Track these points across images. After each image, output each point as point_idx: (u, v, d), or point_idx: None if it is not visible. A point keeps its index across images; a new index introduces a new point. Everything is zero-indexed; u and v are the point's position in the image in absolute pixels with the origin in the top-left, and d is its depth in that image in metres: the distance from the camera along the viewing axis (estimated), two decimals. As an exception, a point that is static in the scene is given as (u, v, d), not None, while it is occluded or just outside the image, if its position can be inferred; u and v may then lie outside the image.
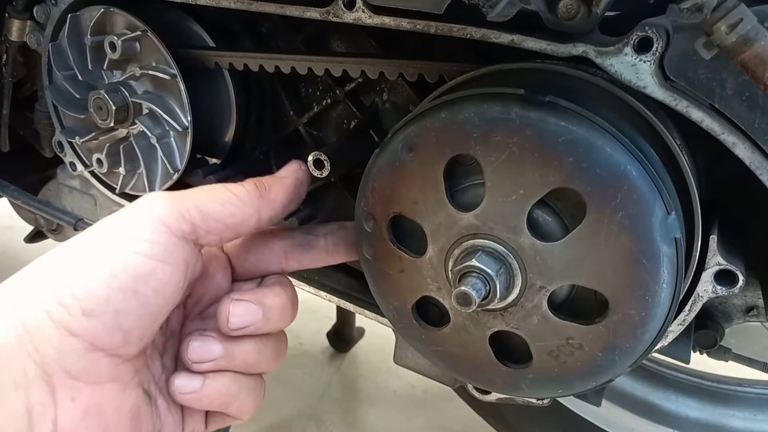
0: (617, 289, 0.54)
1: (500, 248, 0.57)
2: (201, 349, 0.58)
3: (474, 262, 0.56)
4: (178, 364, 0.61)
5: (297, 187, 0.64)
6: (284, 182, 0.64)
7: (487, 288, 0.56)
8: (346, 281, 0.87)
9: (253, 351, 0.60)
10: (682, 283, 0.56)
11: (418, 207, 0.60)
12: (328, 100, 0.91)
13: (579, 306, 0.59)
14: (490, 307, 0.58)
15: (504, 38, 0.61)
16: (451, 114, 0.56)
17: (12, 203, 1.20)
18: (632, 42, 0.56)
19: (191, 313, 0.63)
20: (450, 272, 0.60)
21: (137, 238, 0.53)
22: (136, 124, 0.89)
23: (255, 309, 0.59)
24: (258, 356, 0.60)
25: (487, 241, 0.57)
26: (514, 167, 0.54)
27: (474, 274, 0.56)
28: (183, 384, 0.58)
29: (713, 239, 0.63)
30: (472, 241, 0.58)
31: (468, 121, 0.55)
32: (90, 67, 0.91)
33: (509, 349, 0.63)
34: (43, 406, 0.49)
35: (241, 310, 0.58)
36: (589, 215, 0.53)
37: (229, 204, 0.58)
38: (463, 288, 0.55)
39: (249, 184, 0.61)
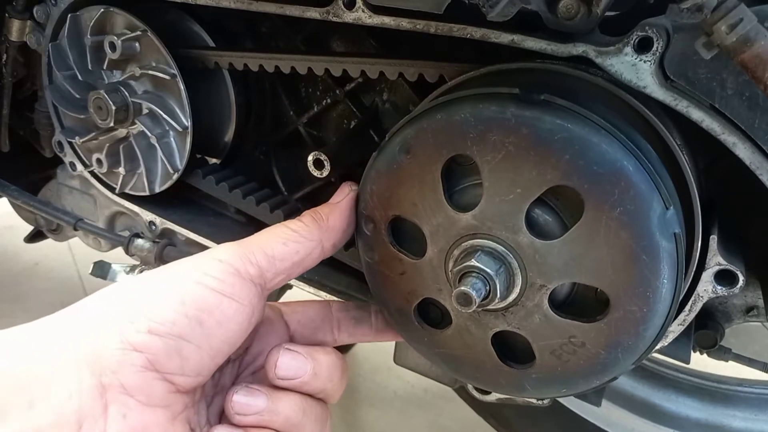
0: (618, 286, 0.54)
1: (499, 248, 0.57)
2: (245, 399, 0.57)
3: (473, 262, 0.56)
4: (222, 419, 0.60)
5: (353, 210, 0.65)
6: (340, 207, 0.64)
7: (487, 288, 0.56)
8: (346, 281, 0.87)
9: (298, 410, 0.59)
10: (683, 280, 0.56)
11: (417, 208, 0.60)
12: (328, 100, 0.91)
13: (580, 304, 0.59)
14: (490, 307, 0.58)
15: (504, 38, 0.61)
16: (447, 115, 0.56)
17: (12, 203, 1.20)
18: (632, 42, 0.56)
19: (244, 371, 0.64)
20: (450, 273, 0.60)
21: (206, 274, 0.55)
22: (135, 124, 0.89)
23: (304, 360, 0.59)
24: (302, 417, 0.59)
25: (486, 240, 0.57)
26: (511, 166, 0.54)
27: (474, 274, 0.56)
28: None
29: (713, 239, 0.63)
30: (471, 242, 0.58)
31: (464, 121, 0.55)
32: (90, 67, 0.91)
33: (512, 350, 0.63)
34: (94, 419, 0.49)
35: (290, 358, 0.59)
36: (587, 212, 0.53)
37: (292, 242, 0.60)
38: (463, 288, 0.55)
39: (306, 217, 0.63)
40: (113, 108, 0.87)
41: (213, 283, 0.55)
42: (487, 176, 0.55)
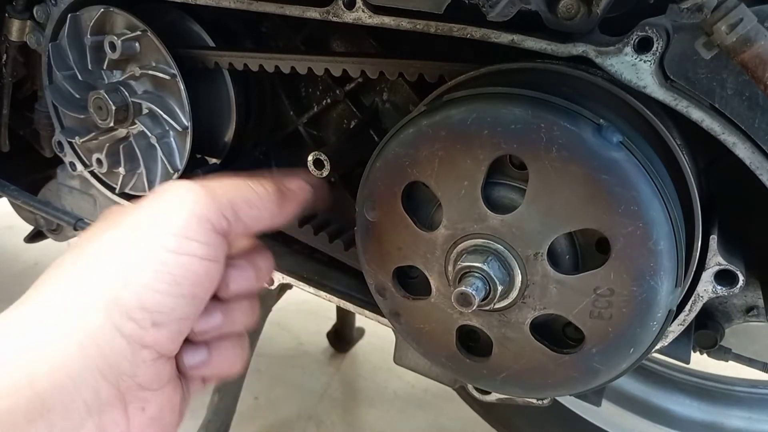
0: (602, 217, 0.53)
1: (479, 240, 0.58)
2: (203, 321, 0.57)
3: (466, 263, 0.58)
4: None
5: (308, 201, 0.64)
6: (301, 195, 0.63)
7: (487, 288, 0.56)
8: (346, 281, 0.87)
9: (249, 309, 0.61)
10: (669, 193, 0.54)
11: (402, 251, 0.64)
12: (328, 100, 0.91)
13: (586, 259, 0.58)
14: (506, 300, 0.59)
15: (504, 38, 0.61)
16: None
17: (12, 203, 1.20)
18: (632, 42, 0.56)
19: None
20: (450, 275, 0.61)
21: (190, 239, 0.52)
22: (135, 124, 0.89)
23: (251, 272, 0.60)
24: (254, 306, 0.61)
25: (471, 240, 0.59)
26: (451, 164, 0.57)
27: (471, 274, 0.57)
28: (191, 358, 0.58)
29: (713, 239, 0.63)
30: (462, 245, 0.60)
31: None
32: (90, 67, 0.91)
33: (556, 336, 0.62)
34: (116, 424, 0.50)
35: (238, 275, 0.59)
36: (530, 167, 0.54)
37: (254, 206, 0.58)
38: (462, 288, 0.55)
39: (271, 187, 0.60)
40: (113, 108, 0.87)
41: (201, 251, 0.52)
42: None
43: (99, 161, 0.94)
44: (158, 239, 0.52)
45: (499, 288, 0.57)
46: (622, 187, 0.52)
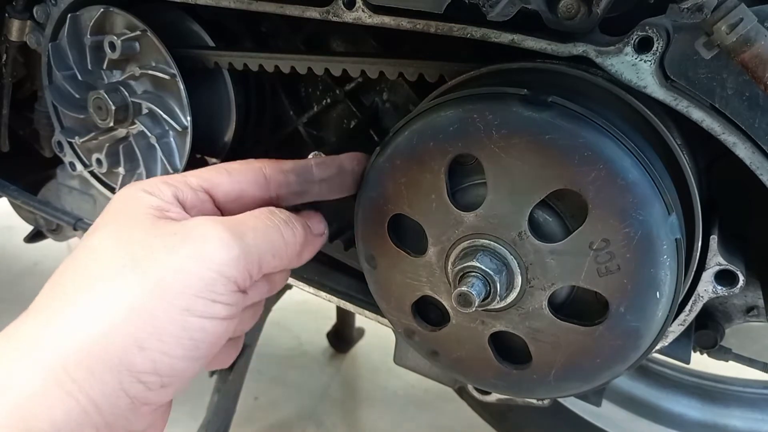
0: (562, 174, 0.53)
1: (465, 243, 0.59)
2: None
3: (458, 267, 0.58)
4: None
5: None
6: (320, 242, 0.63)
7: (485, 284, 0.56)
8: (346, 281, 0.87)
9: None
10: (620, 128, 0.54)
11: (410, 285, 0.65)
12: (328, 100, 0.91)
13: (572, 223, 0.57)
14: (515, 289, 0.58)
15: (504, 38, 0.61)
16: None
17: (12, 203, 1.20)
18: (633, 42, 0.56)
19: None
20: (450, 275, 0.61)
21: (218, 302, 0.50)
22: (135, 124, 0.89)
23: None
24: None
25: (457, 246, 0.60)
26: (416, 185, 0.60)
27: (467, 275, 0.57)
28: None
29: (713, 239, 0.63)
30: (453, 254, 0.60)
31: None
32: (90, 67, 0.91)
33: (586, 315, 0.60)
34: None
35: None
36: (481, 157, 0.56)
37: (279, 257, 0.56)
38: (463, 288, 0.55)
39: (300, 231, 0.58)
40: (113, 108, 0.87)
41: (223, 313, 0.50)
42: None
43: (99, 161, 0.94)
44: (182, 300, 0.48)
45: (496, 278, 0.56)
46: (568, 139, 0.53)
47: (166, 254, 0.49)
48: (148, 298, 0.48)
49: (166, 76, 0.86)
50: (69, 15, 0.89)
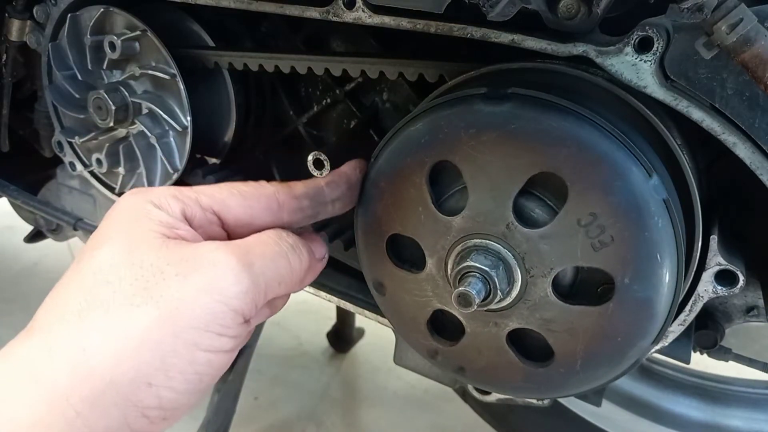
0: (534, 159, 0.54)
1: (458, 247, 0.59)
2: None
3: (455, 270, 0.58)
4: None
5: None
6: (321, 267, 0.62)
7: (481, 280, 0.57)
8: (346, 281, 0.87)
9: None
10: (583, 104, 0.55)
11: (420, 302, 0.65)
12: (328, 100, 0.91)
13: (558, 205, 0.57)
14: (516, 282, 0.58)
15: (504, 38, 0.61)
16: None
17: (12, 203, 1.20)
18: (633, 42, 0.56)
19: None
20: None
21: (225, 335, 0.50)
22: (135, 123, 0.89)
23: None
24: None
25: (453, 252, 0.60)
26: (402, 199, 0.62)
27: (466, 276, 0.58)
28: None
29: (713, 239, 0.63)
30: (450, 260, 0.60)
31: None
32: (90, 67, 0.91)
33: (585, 291, 0.60)
34: None
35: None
36: (457, 162, 0.57)
37: (284, 284, 0.56)
38: (462, 289, 0.55)
39: (306, 257, 0.58)
40: (113, 108, 0.87)
41: (228, 345, 0.50)
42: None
43: (99, 161, 0.94)
44: (190, 335, 0.48)
45: (493, 273, 0.56)
46: (533, 125, 0.54)
47: (177, 283, 0.48)
48: (158, 331, 0.47)
49: (166, 76, 0.86)
50: (69, 15, 0.89)
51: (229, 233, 0.58)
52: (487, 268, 0.56)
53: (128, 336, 0.46)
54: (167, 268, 0.49)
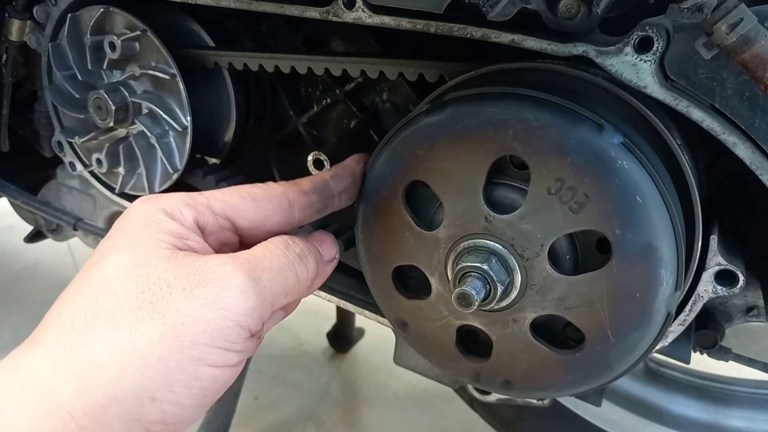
0: (497, 146, 0.56)
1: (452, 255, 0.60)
2: None
3: (459, 266, 0.59)
4: None
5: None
6: (329, 271, 0.61)
7: (485, 284, 0.57)
8: (346, 281, 0.87)
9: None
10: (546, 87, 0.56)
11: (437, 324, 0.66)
12: (328, 100, 0.91)
13: (519, 179, 0.59)
14: (517, 277, 0.58)
15: (504, 38, 0.61)
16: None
17: (12, 203, 1.20)
18: (633, 42, 0.56)
19: None
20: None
21: (231, 350, 0.49)
22: (135, 123, 0.89)
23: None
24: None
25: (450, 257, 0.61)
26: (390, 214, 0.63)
27: (466, 276, 0.58)
28: None
29: (713, 239, 0.63)
30: (449, 264, 0.61)
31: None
32: (90, 67, 0.91)
33: (596, 261, 0.58)
34: None
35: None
36: (430, 181, 0.59)
37: (291, 295, 0.55)
38: (463, 289, 0.55)
39: (313, 266, 0.57)
40: (113, 108, 0.87)
41: (234, 360, 0.50)
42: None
43: (99, 161, 0.94)
44: (196, 351, 0.47)
45: (486, 268, 0.56)
46: (474, 118, 0.56)
47: (184, 298, 0.48)
48: (164, 347, 0.46)
49: (166, 76, 0.86)
50: (69, 15, 0.89)
51: (241, 236, 0.58)
52: (479, 264, 0.57)
53: (133, 351, 0.46)
54: (174, 282, 0.49)
